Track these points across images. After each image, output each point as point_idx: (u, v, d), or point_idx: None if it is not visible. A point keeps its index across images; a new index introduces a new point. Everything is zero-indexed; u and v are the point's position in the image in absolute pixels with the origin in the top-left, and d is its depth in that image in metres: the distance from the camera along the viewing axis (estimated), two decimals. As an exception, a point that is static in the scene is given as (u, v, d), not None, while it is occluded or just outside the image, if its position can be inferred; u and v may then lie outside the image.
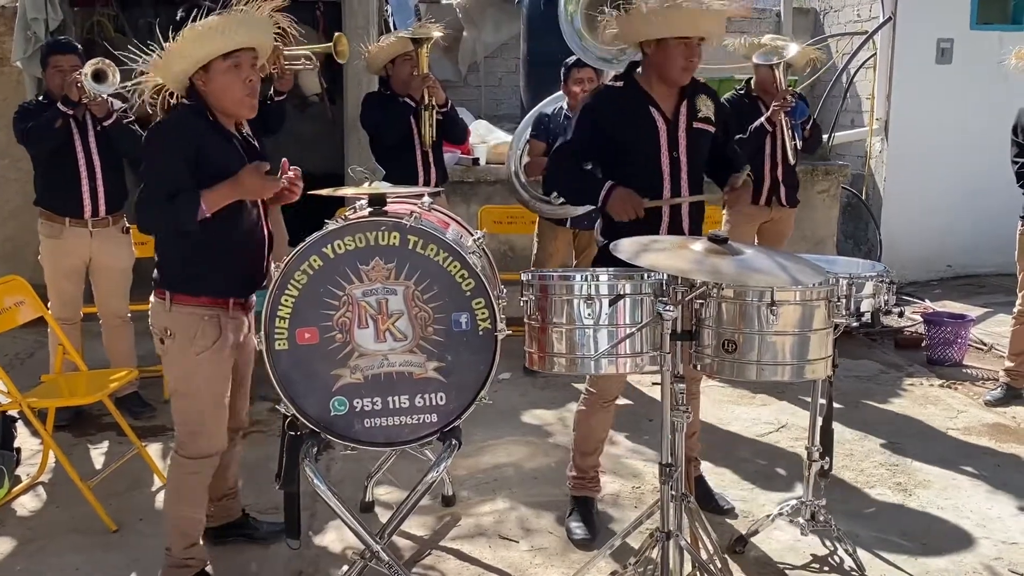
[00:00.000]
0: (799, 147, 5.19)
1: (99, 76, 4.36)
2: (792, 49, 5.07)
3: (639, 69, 3.43)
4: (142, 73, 2.97)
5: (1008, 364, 5.24)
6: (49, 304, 4.64)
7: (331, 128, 7.92)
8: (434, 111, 5.13)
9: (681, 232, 3.39)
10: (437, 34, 5.07)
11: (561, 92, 5.41)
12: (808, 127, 5.24)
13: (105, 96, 4.45)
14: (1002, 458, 4.44)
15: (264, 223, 3.19)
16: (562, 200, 5.24)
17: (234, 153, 3.05)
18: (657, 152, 3.36)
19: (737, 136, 4.61)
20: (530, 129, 5.53)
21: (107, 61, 4.37)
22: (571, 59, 5.19)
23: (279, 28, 3.06)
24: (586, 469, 3.70)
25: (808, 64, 5.61)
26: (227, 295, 3.08)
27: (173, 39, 2.91)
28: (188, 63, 2.93)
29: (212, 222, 2.94)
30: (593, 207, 3.60)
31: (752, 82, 5.27)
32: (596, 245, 3.55)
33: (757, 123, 4.98)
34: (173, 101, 2.98)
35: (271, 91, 4.73)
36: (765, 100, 5.12)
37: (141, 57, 2.95)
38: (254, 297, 3.23)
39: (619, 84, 3.44)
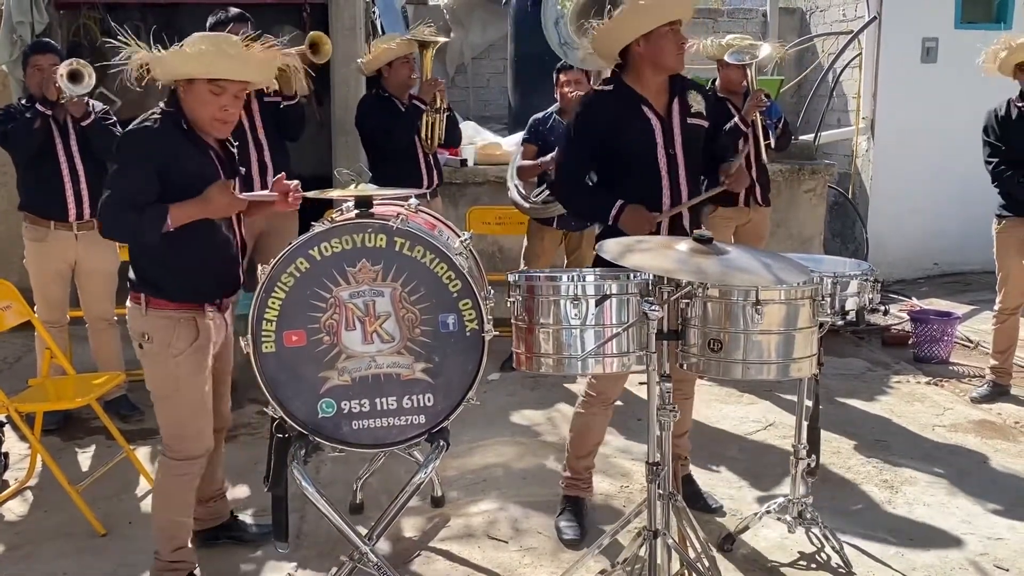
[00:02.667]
0: (772, 146, 5.22)
1: (75, 76, 4.35)
2: (764, 49, 5.08)
3: (625, 72, 3.43)
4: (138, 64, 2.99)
5: (993, 362, 5.29)
6: (35, 308, 4.63)
7: (318, 130, 7.91)
8: (443, 114, 5.15)
9: (683, 231, 3.40)
10: (444, 39, 5.09)
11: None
12: (780, 126, 5.26)
13: (79, 96, 4.43)
14: (988, 455, 4.46)
15: (237, 229, 3.20)
16: (543, 199, 5.27)
17: (209, 163, 3.06)
18: (653, 150, 3.36)
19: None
20: (525, 133, 5.57)
21: (82, 61, 4.37)
22: (560, 62, 5.24)
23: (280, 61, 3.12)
24: (580, 470, 3.71)
25: (779, 61, 5.63)
26: (202, 299, 3.09)
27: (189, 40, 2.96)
28: (173, 74, 2.97)
29: (186, 228, 2.95)
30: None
31: (716, 82, 5.29)
32: (591, 248, 3.56)
33: (732, 123, 4.99)
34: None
35: (280, 99, 4.80)
36: (732, 100, 5.14)
37: (132, 47, 2.98)
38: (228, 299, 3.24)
39: (608, 88, 3.44)
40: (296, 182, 3.23)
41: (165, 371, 3.06)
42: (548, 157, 5.23)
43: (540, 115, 5.51)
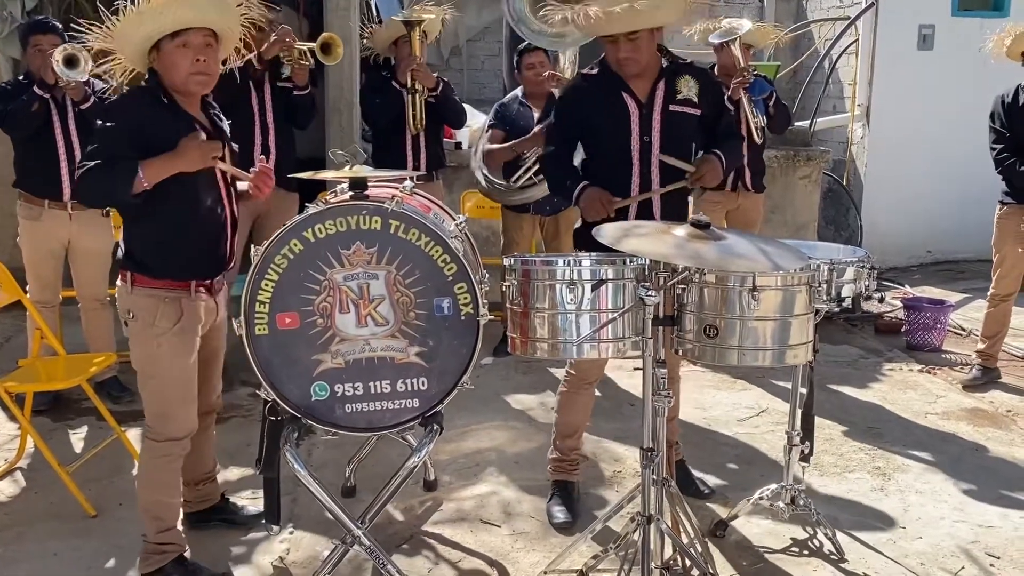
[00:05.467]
0: (763, 125, 5.14)
1: (71, 61, 4.30)
2: (746, 25, 5.05)
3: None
4: (103, 53, 2.96)
5: (980, 346, 5.31)
6: (28, 287, 4.60)
7: (312, 111, 7.85)
8: (420, 96, 5.10)
9: (652, 218, 3.36)
10: (428, 16, 5.03)
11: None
12: (772, 103, 5.19)
13: (77, 81, 4.39)
14: (980, 442, 4.47)
15: (228, 205, 3.15)
16: (519, 185, 5.23)
17: (185, 131, 2.99)
18: (628, 136, 3.33)
19: None
20: (490, 119, 5.50)
21: (78, 46, 4.32)
22: (522, 45, 5.20)
23: (246, 11, 3.04)
24: (566, 452, 3.70)
25: (771, 43, 5.58)
26: (188, 277, 3.05)
27: (120, 16, 2.90)
28: (137, 42, 2.92)
29: (170, 201, 2.93)
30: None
31: (715, 68, 5.25)
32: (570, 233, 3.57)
33: None
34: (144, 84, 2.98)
35: (292, 88, 4.85)
36: (728, 84, 5.09)
37: (89, 33, 2.94)
38: (221, 278, 3.21)
39: (593, 72, 3.43)
40: (261, 158, 3.22)
41: (147, 350, 3.04)
42: (521, 139, 5.14)
43: (505, 99, 5.47)
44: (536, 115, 5.26)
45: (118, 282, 3.08)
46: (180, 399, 3.10)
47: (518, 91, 5.44)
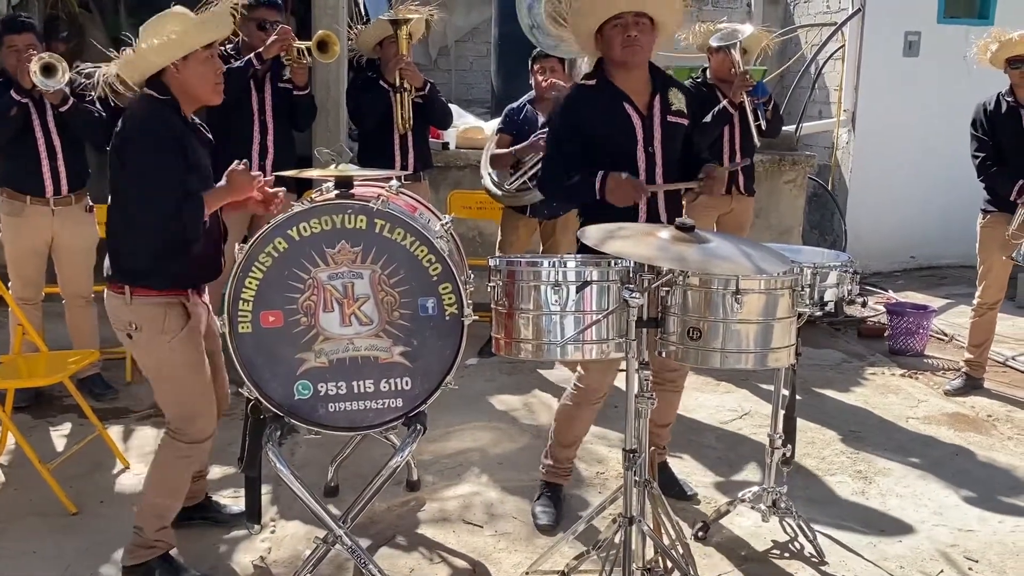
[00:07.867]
0: (763, 128, 5.17)
1: (48, 70, 4.27)
2: (747, 29, 5.10)
3: (605, 66, 3.38)
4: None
5: (968, 355, 5.32)
6: (10, 284, 4.57)
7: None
8: (409, 95, 5.09)
9: (659, 220, 3.35)
10: (415, 16, 5.02)
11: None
12: (770, 107, 5.22)
13: (54, 90, 4.35)
14: (960, 447, 4.51)
15: (221, 215, 3.17)
16: (516, 187, 5.24)
17: (198, 145, 3.04)
18: (633, 148, 3.31)
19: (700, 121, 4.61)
20: (500, 123, 5.51)
21: (56, 56, 4.31)
22: (536, 50, 5.20)
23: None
24: (562, 460, 3.70)
25: (762, 50, 5.61)
26: (186, 286, 3.05)
27: (149, 31, 2.88)
28: (175, 52, 2.90)
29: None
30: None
31: (708, 71, 5.28)
32: (566, 235, 3.51)
33: (720, 106, 4.98)
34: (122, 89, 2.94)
35: (292, 88, 4.87)
36: (722, 88, 5.11)
37: (112, 54, 2.92)
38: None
39: (591, 83, 3.39)
40: (282, 190, 3.20)
41: (160, 357, 3.02)
42: (520, 146, 5.21)
43: (515, 104, 5.48)
44: (541, 120, 5.26)
45: (108, 295, 3.03)
46: (201, 396, 3.09)
47: (528, 95, 5.44)
